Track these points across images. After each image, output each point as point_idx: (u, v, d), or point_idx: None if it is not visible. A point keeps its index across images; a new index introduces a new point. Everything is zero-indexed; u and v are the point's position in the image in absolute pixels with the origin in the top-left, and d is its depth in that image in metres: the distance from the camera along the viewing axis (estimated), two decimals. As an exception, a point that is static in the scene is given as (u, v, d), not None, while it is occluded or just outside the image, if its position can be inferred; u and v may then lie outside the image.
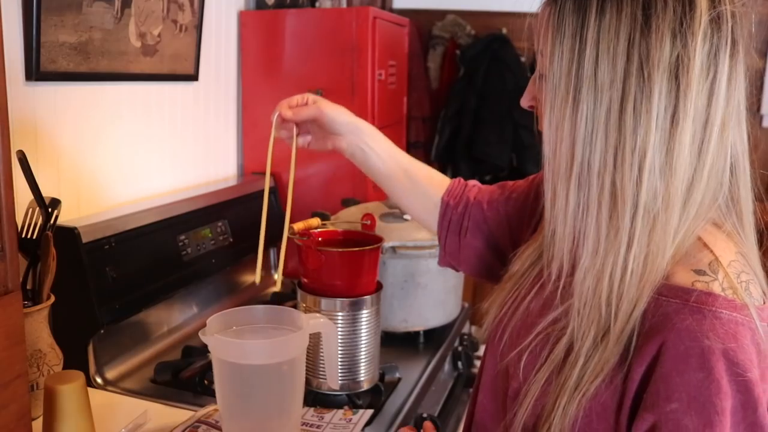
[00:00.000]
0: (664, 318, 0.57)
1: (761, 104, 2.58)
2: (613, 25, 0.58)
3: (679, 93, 0.58)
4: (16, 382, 0.73)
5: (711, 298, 0.57)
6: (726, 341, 0.55)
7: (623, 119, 0.59)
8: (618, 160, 0.59)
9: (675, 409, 0.55)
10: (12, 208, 0.71)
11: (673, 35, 0.57)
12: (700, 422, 0.54)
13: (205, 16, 1.61)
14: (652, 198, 0.59)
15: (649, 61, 0.57)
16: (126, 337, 1.27)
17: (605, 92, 0.59)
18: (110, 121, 1.37)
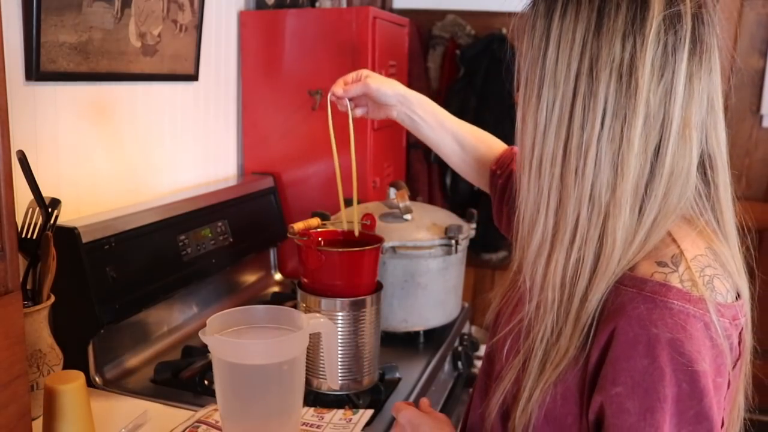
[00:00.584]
0: (620, 306, 0.60)
1: (761, 104, 2.58)
2: (571, 27, 0.62)
3: (629, 92, 0.60)
4: (16, 382, 0.73)
5: (665, 288, 0.59)
6: (674, 331, 0.57)
7: (573, 115, 0.62)
8: (566, 154, 0.63)
9: (619, 392, 0.58)
10: (12, 208, 0.71)
11: (624, 37, 0.60)
12: (641, 406, 0.57)
13: (205, 16, 1.61)
14: (598, 193, 0.61)
15: (599, 61, 0.60)
16: (126, 337, 1.27)
17: (560, 89, 0.63)
18: (110, 121, 1.37)
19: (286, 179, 1.85)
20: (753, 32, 2.56)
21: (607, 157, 0.61)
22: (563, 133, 0.63)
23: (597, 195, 0.62)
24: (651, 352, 0.57)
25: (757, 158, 2.64)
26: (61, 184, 1.26)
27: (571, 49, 0.62)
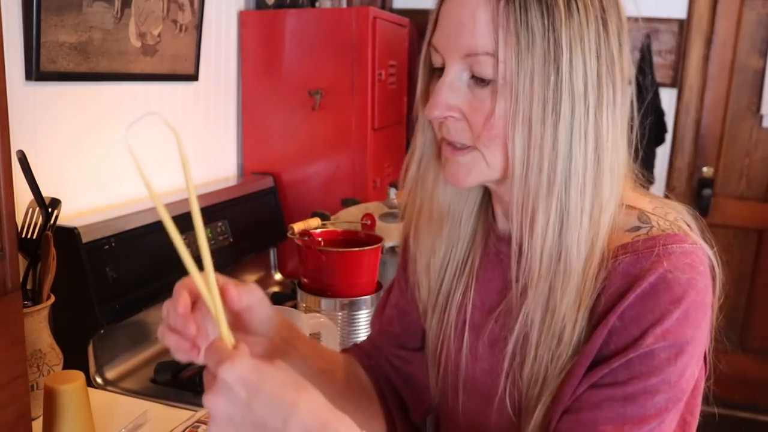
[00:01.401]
0: (623, 276, 0.59)
1: (761, 104, 2.58)
2: (584, 25, 0.58)
3: (622, 86, 0.62)
4: (16, 382, 0.73)
5: (655, 239, 0.60)
6: (686, 271, 0.58)
7: (599, 123, 0.60)
8: (598, 165, 0.61)
9: (649, 343, 0.57)
10: (12, 208, 0.72)
11: (619, 35, 0.61)
12: (670, 352, 0.57)
13: (205, 16, 1.61)
14: (614, 195, 0.63)
15: (614, 61, 0.60)
16: (126, 337, 1.27)
17: (581, 98, 0.59)
18: (110, 121, 1.37)
19: (286, 179, 1.85)
20: (753, 32, 2.56)
21: (615, 151, 0.62)
22: (592, 144, 0.60)
23: (612, 198, 0.62)
24: (673, 296, 0.57)
25: (757, 158, 2.64)
26: (61, 184, 1.25)
27: (589, 52, 0.58)
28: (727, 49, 2.58)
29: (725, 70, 2.60)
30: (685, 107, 2.64)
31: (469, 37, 0.60)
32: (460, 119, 0.63)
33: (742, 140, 2.65)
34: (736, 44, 2.57)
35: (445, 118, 0.64)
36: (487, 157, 0.63)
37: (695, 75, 2.61)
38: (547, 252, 0.61)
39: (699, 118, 2.65)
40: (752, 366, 2.73)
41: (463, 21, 0.60)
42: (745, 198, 2.68)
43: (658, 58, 2.60)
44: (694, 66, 2.60)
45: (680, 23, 2.58)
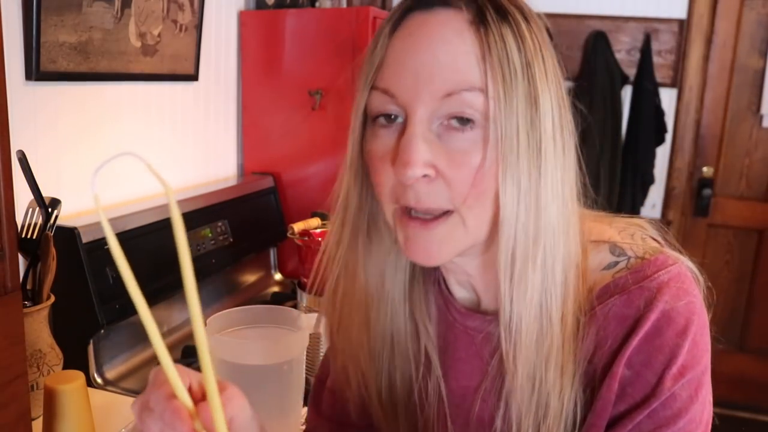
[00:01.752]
0: (618, 320, 0.54)
1: (761, 104, 2.58)
2: (547, 59, 0.54)
3: (567, 113, 0.57)
4: (16, 382, 0.73)
5: (638, 273, 0.55)
6: (680, 297, 0.54)
7: (567, 163, 0.55)
8: (568, 208, 0.56)
9: (670, 386, 0.53)
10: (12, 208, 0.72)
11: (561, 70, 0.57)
12: (689, 392, 0.53)
13: (205, 16, 1.61)
14: (577, 241, 0.57)
15: (565, 97, 0.57)
16: (126, 337, 1.27)
17: (552, 138, 0.54)
18: (110, 121, 1.37)
19: (286, 179, 1.85)
20: (753, 32, 2.56)
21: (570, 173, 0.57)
22: (565, 186, 0.55)
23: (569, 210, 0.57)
24: (677, 329, 0.53)
25: (757, 158, 2.65)
26: (61, 184, 1.26)
27: (561, 88, 0.55)
28: (727, 49, 2.58)
29: (725, 70, 2.60)
30: (685, 107, 2.64)
31: (449, 72, 0.52)
32: (435, 179, 0.53)
33: (742, 140, 2.65)
34: (736, 44, 2.57)
35: (416, 179, 0.52)
36: (468, 220, 0.54)
37: (695, 75, 2.61)
38: (534, 315, 0.54)
39: (699, 118, 2.65)
40: (752, 366, 2.73)
41: (438, 56, 0.52)
42: (745, 198, 2.68)
43: (658, 58, 2.60)
44: (694, 66, 2.60)
45: (680, 23, 2.58)
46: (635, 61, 2.60)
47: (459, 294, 0.66)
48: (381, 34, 0.56)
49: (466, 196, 0.53)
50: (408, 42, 0.54)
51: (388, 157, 0.55)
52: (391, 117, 0.55)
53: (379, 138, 0.56)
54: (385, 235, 0.62)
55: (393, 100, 0.54)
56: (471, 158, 0.52)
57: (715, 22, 2.55)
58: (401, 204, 0.55)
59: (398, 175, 0.53)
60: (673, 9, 2.57)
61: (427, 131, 0.53)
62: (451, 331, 0.66)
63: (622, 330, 0.54)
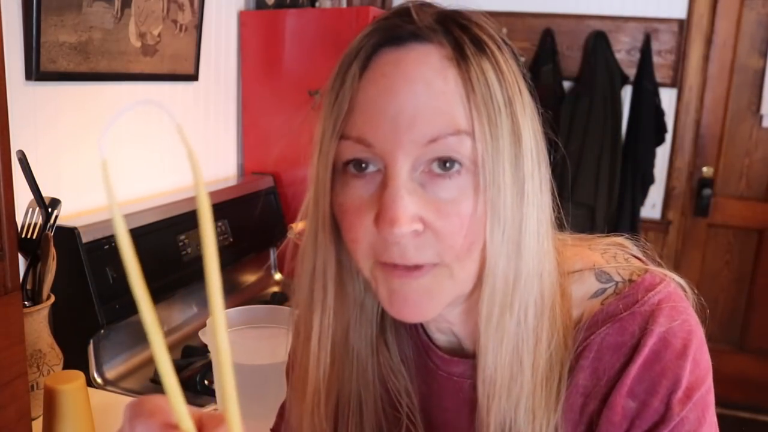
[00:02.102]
0: (614, 350, 0.52)
1: (761, 104, 2.58)
2: (524, 93, 0.51)
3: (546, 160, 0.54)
4: (16, 382, 0.73)
5: (627, 298, 0.53)
6: (674, 316, 0.51)
7: (544, 201, 0.52)
8: (545, 246, 0.52)
9: (678, 411, 0.50)
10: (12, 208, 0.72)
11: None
12: (696, 414, 0.51)
13: (205, 16, 1.61)
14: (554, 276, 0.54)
15: (540, 131, 0.53)
16: (126, 337, 1.27)
17: (533, 176, 0.50)
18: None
19: (286, 179, 1.85)
20: (753, 32, 2.56)
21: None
22: (542, 226, 0.52)
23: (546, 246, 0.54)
24: (676, 351, 0.51)
25: (757, 158, 2.64)
26: (61, 184, 1.26)
27: (536, 122, 0.52)
28: (727, 49, 2.58)
29: (725, 70, 2.60)
30: (685, 107, 2.64)
31: (432, 116, 0.47)
32: (423, 232, 0.48)
33: (742, 140, 2.65)
34: (736, 44, 2.57)
35: (403, 236, 0.47)
36: (455, 272, 0.50)
37: (695, 75, 2.61)
38: (507, 362, 0.51)
39: (699, 118, 2.65)
40: (752, 366, 2.73)
41: (418, 98, 0.47)
42: (745, 198, 2.68)
43: (658, 58, 2.60)
44: (694, 66, 2.60)
45: (680, 23, 2.58)
46: (635, 61, 2.60)
47: (439, 340, 0.60)
48: (347, 75, 0.50)
49: (458, 250, 0.48)
50: (382, 84, 0.48)
51: (366, 209, 0.49)
52: (362, 165, 0.50)
53: (353, 189, 0.50)
54: (351, 293, 0.57)
55: (369, 150, 0.48)
56: (461, 207, 0.48)
57: (715, 22, 2.55)
58: (383, 260, 0.50)
59: (384, 234, 0.48)
60: (673, 9, 2.57)
61: (409, 181, 0.48)
62: (434, 380, 0.61)
63: (618, 359, 0.52)
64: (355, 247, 0.51)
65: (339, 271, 0.55)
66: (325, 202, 0.52)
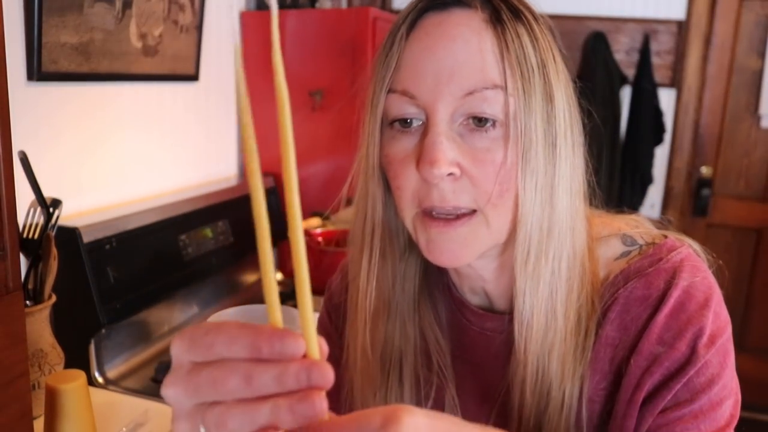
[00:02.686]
0: (640, 301, 0.56)
1: (760, 105, 2.58)
2: (557, 57, 0.57)
3: (580, 122, 0.60)
4: (17, 381, 0.73)
5: (651, 257, 0.58)
6: (695, 273, 0.56)
7: (577, 160, 0.57)
8: (578, 202, 0.57)
9: (703, 354, 0.54)
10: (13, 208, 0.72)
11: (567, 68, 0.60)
12: (719, 359, 0.55)
13: (205, 17, 1.61)
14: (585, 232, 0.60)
15: (573, 95, 0.58)
16: (127, 337, 1.27)
17: (566, 134, 0.55)
18: (111, 121, 1.38)
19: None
20: (751, 33, 2.56)
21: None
22: (575, 181, 0.57)
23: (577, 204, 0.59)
24: (699, 302, 0.55)
25: (756, 158, 2.65)
26: (63, 185, 1.26)
27: (568, 80, 0.58)
28: (725, 50, 2.59)
29: (724, 71, 2.61)
30: (683, 107, 2.65)
31: (470, 71, 0.52)
32: (459, 177, 0.53)
33: (740, 140, 2.65)
34: (734, 45, 2.58)
35: (442, 178, 0.53)
36: (491, 219, 0.54)
37: (694, 75, 2.61)
38: (543, 309, 0.56)
39: (698, 118, 2.65)
40: (751, 366, 2.73)
41: (457, 55, 0.52)
42: (743, 198, 2.68)
43: (657, 58, 2.60)
44: (693, 66, 2.60)
45: (679, 24, 2.58)
46: (634, 61, 2.60)
47: (472, 300, 0.65)
48: (396, 36, 0.55)
49: (491, 194, 0.53)
50: (426, 42, 0.54)
51: (410, 159, 0.54)
52: (407, 122, 0.55)
53: (399, 141, 0.56)
54: (396, 245, 0.62)
55: (413, 102, 0.54)
56: (494, 156, 0.53)
57: (713, 23, 2.55)
58: (424, 206, 0.55)
59: (424, 174, 0.53)
60: (672, 10, 2.58)
61: (449, 130, 0.53)
62: (466, 335, 0.65)
63: (645, 311, 0.56)
64: (400, 194, 0.56)
65: (386, 219, 0.61)
66: (374, 153, 0.58)
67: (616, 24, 2.61)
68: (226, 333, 0.34)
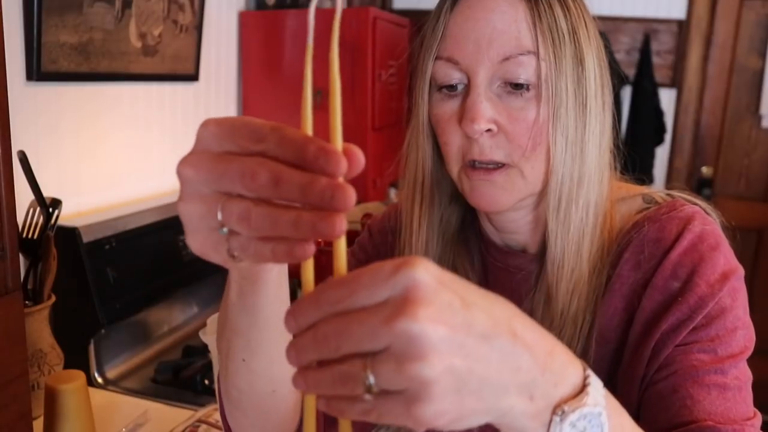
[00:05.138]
0: (654, 242, 0.60)
1: (760, 105, 2.58)
2: (589, 23, 0.62)
3: (610, 86, 0.66)
4: (16, 381, 0.73)
5: (669, 206, 0.63)
6: (706, 223, 0.61)
7: (606, 119, 0.63)
8: (604, 159, 0.63)
9: (719, 289, 0.58)
10: (13, 208, 0.72)
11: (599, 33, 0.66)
12: (732, 301, 0.59)
13: (205, 17, 1.61)
14: (607, 190, 0.65)
15: (605, 59, 0.64)
16: (127, 337, 1.27)
17: (597, 95, 0.62)
18: (111, 121, 1.38)
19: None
20: (752, 33, 2.56)
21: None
22: (603, 139, 0.63)
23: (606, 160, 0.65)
24: (711, 244, 0.59)
25: (756, 158, 2.65)
26: (62, 184, 1.26)
27: (600, 47, 0.63)
28: (726, 50, 2.58)
29: (724, 71, 2.60)
30: (684, 108, 2.64)
31: (506, 39, 0.59)
32: (497, 133, 0.60)
33: (741, 140, 2.65)
34: (735, 45, 2.57)
35: (481, 133, 0.60)
36: (525, 171, 0.61)
37: (694, 75, 2.61)
38: (572, 251, 0.62)
39: (698, 118, 2.65)
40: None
41: (494, 24, 0.59)
42: (744, 198, 2.68)
43: (657, 58, 2.60)
44: (694, 66, 2.60)
45: (679, 24, 2.58)
46: (634, 61, 2.60)
47: (500, 238, 0.71)
48: (442, 10, 0.63)
49: (524, 149, 0.60)
50: (467, 14, 0.60)
51: (455, 118, 0.62)
52: (453, 87, 0.62)
53: (445, 103, 0.63)
54: (443, 193, 0.69)
55: (456, 67, 0.61)
56: (527, 114, 0.59)
57: (714, 23, 2.55)
58: (467, 159, 0.62)
59: (466, 130, 0.60)
60: (673, 9, 2.57)
61: (488, 91, 0.60)
62: (490, 271, 0.72)
63: (658, 250, 0.60)
64: (447, 149, 0.63)
65: (432, 172, 0.68)
66: (423, 112, 0.65)
67: (616, 23, 2.61)
68: (281, 130, 0.34)
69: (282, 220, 0.33)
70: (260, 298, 0.46)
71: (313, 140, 0.33)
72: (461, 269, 0.71)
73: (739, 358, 0.58)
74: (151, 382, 1.21)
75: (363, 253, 0.79)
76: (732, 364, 0.57)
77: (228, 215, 0.34)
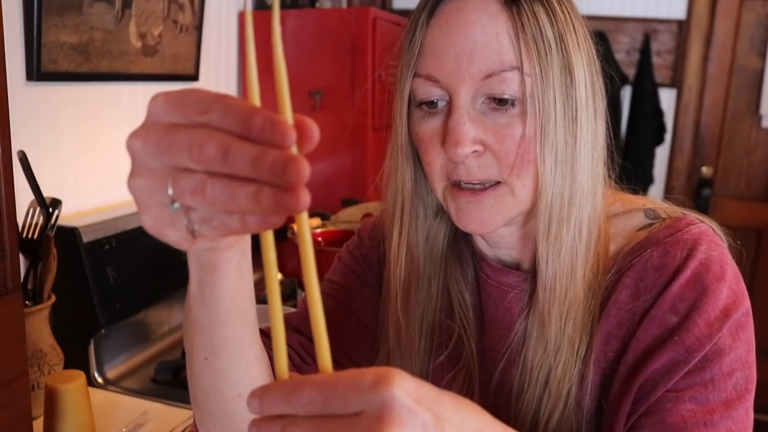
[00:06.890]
0: (657, 269, 0.58)
1: (760, 104, 2.58)
2: (578, 30, 0.58)
3: (599, 81, 0.62)
4: (16, 381, 0.73)
5: (673, 227, 0.59)
6: (712, 248, 0.58)
7: (598, 130, 0.59)
8: (597, 171, 0.60)
9: (719, 327, 0.55)
10: (13, 208, 0.72)
11: (592, 40, 0.62)
12: (732, 334, 0.55)
13: (205, 17, 1.61)
14: (602, 202, 0.62)
15: (597, 67, 0.61)
16: (126, 337, 1.27)
17: (587, 106, 0.58)
18: (111, 121, 1.38)
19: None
20: (752, 33, 2.56)
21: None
22: (596, 151, 0.60)
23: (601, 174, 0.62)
24: (715, 275, 0.56)
25: (756, 158, 2.65)
26: (62, 184, 1.26)
27: (591, 54, 0.60)
28: (726, 50, 2.59)
29: (724, 71, 2.60)
30: (684, 107, 2.64)
31: (487, 54, 0.55)
32: (483, 153, 0.57)
33: (741, 140, 2.65)
34: (735, 45, 2.57)
35: (467, 155, 0.56)
36: (516, 189, 0.58)
37: (694, 75, 2.61)
38: (564, 273, 0.59)
39: (698, 118, 2.65)
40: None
41: (476, 39, 0.55)
42: (744, 198, 2.68)
43: (657, 58, 2.60)
44: (694, 66, 2.60)
45: (679, 24, 2.58)
46: (634, 61, 2.60)
47: (493, 254, 0.68)
48: (417, 24, 0.58)
49: (513, 166, 0.56)
50: (445, 28, 0.56)
51: (437, 138, 0.58)
52: (434, 103, 0.58)
53: (426, 121, 0.59)
54: (428, 210, 0.66)
55: (436, 85, 0.57)
56: (514, 131, 0.56)
57: (714, 23, 2.55)
58: (452, 180, 0.58)
59: (449, 154, 0.56)
60: (673, 9, 2.58)
61: (471, 110, 0.56)
62: (483, 289, 0.69)
63: (660, 279, 0.57)
64: (429, 169, 0.60)
65: (414, 191, 0.65)
66: (403, 132, 0.62)
67: (616, 23, 2.61)
68: (225, 101, 0.33)
69: (241, 193, 0.31)
70: (220, 289, 0.44)
71: (260, 110, 0.32)
72: (453, 288, 0.68)
73: (735, 406, 0.54)
74: (150, 382, 1.21)
75: (350, 257, 0.76)
76: (725, 415, 0.53)
77: (180, 189, 0.33)
